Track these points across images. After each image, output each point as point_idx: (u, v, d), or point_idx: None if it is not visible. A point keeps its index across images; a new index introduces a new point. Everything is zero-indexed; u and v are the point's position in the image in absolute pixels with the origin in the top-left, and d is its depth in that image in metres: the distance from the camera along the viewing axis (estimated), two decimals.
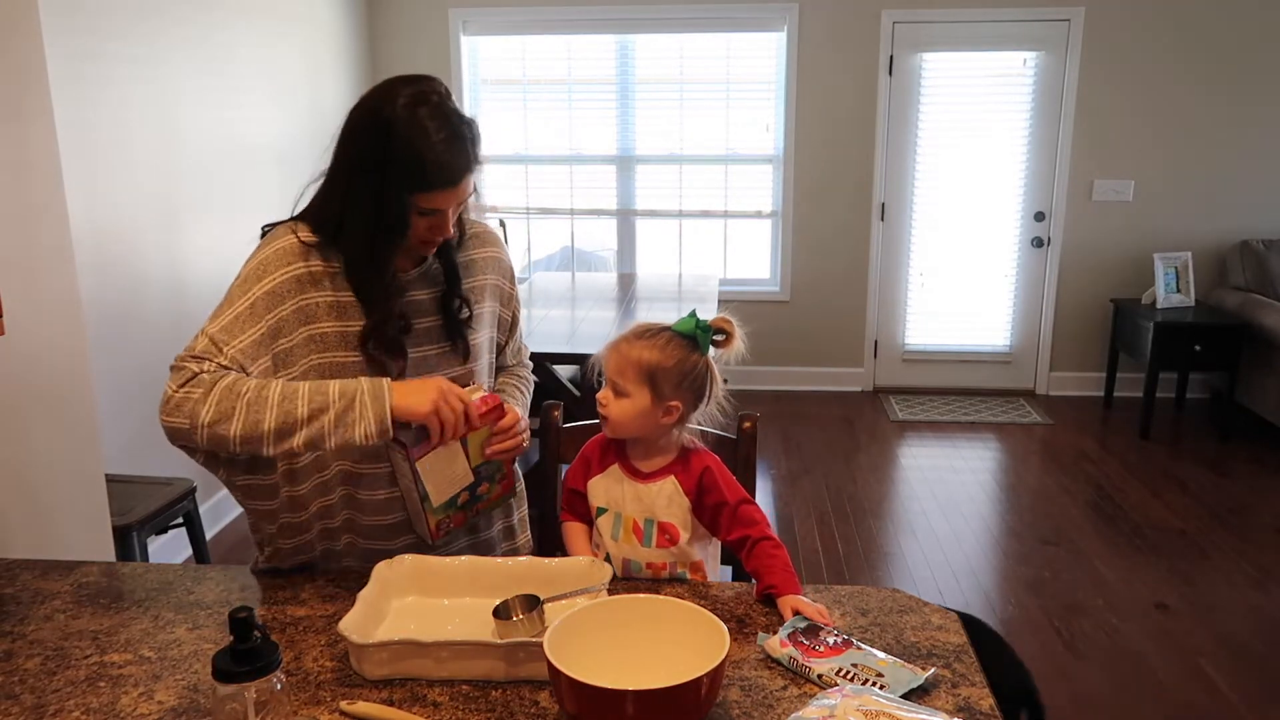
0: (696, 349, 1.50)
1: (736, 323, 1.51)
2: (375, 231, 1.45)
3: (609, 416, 1.51)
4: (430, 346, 1.58)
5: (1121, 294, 5.37)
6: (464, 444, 1.51)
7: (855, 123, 5.36)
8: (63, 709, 1.20)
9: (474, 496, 1.57)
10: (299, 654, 1.31)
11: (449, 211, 1.46)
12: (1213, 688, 2.78)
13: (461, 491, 1.54)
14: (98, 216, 3.09)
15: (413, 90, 1.42)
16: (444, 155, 1.41)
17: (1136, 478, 4.38)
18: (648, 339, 1.49)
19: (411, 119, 1.40)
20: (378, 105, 1.42)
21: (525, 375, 1.83)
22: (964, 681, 1.24)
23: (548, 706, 1.19)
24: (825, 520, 3.93)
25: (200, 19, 3.69)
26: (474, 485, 1.56)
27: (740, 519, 1.49)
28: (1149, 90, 5.16)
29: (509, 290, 1.74)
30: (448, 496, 1.52)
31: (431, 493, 1.50)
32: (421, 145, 1.39)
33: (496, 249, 1.71)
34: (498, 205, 5.75)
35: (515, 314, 1.77)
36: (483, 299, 1.67)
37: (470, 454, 1.53)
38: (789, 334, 5.60)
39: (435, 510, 1.52)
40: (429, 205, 1.43)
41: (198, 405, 1.35)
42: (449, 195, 1.44)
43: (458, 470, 1.52)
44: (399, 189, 1.41)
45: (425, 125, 1.40)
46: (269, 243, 1.49)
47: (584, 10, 5.39)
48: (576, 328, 3.78)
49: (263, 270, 1.46)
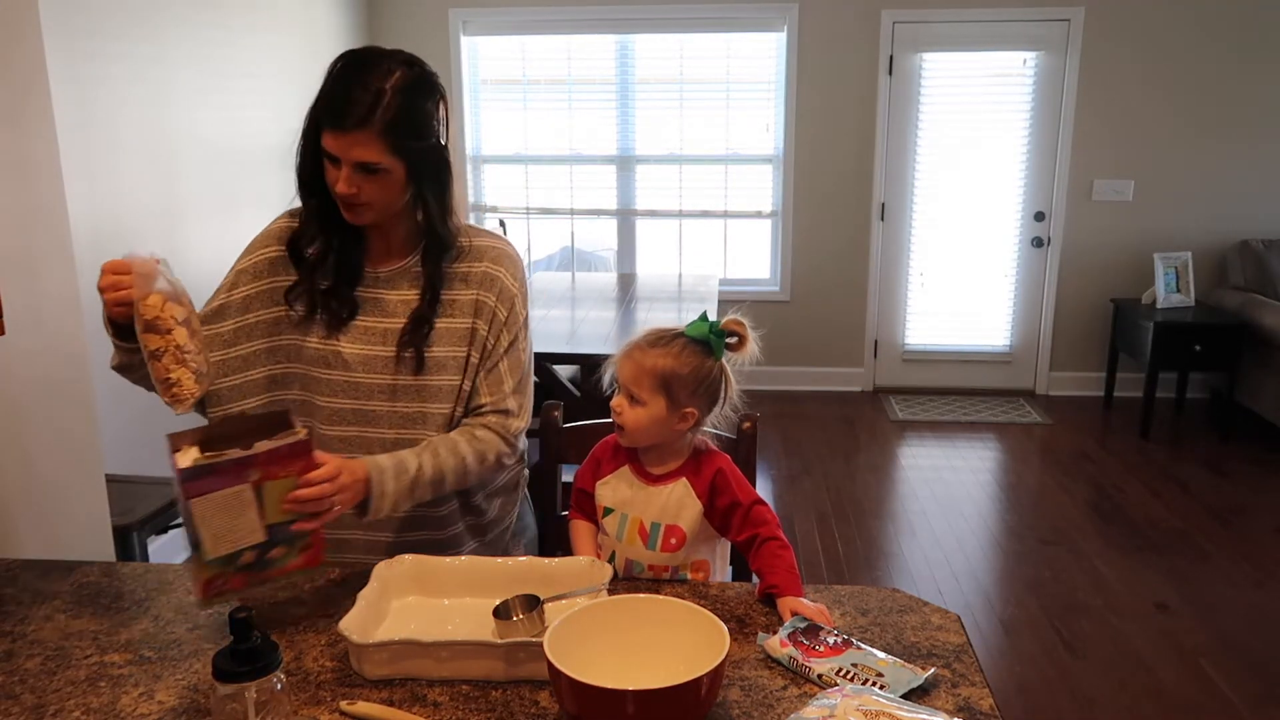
0: (711, 354, 1.49)
1: (749, 324, 1.50)
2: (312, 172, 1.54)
3: (624, 425, 1.50)
4: (382, 347, 1.57)
5: (1121, 294, 5.37)
6: (259, 494, 1.29)
7: (855, 123, 5.36)
8: (63, 709, 1.20)
9: (262, 560, 1.32)
10: (299, 654, 1.31)
11: (344, 166, 1.47)
12: (1213, 688, 2.78)
13: (246, 550, 1.30)
14: (98, 216, 3.09)
15: (377, 49, 1.52)
16: (336, 90, 1.46)
17: (1136, 478, 4.38)
18: (662, 346, 1.48)
19: (342, 58, 1.49)
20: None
21: (478, 436, 1.54)
22: (964, 681, 1.24)
23: (548, 706, 1.19)
24: (825, 520, 3.93)
25: (200, 19, 3.69)
26: (265, 546, 1.32)
27: (752, 519, 1.49)
28: (1149, 90, 5.16)
29: (498, 313, 1.59)
30: (225, 551, 1.29)
31: (206, 541, 1.27)
32: (329, 82, 1.47)
33: (498, 267, 1.61)
34: (498, 205, 5.75)
35: (498, 342, 1.59)
36: (459, 314, 1.59)
37: (266, 507, 1.30)
38: (789, 334, 5.60)
39: (208, 563, 1.28)
40: (325, 145, 1.48)
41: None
42: (337, 140, 1.45)
43: (245, 523, 1.29)
44: (313, 121, 1.51)
45: (342, 63, 1.48)
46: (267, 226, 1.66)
47: (584, 10, 5.39)
48: (576, 328, 3.78)
49: (249, 248, 1.64)
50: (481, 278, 1.60)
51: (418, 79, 1.49)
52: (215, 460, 1.25)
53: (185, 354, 1.34)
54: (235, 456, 1.26)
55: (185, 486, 1.23)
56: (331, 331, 1.58)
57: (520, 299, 1.62)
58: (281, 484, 1.29)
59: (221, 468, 1.25)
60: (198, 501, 1.24)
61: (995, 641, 3.04)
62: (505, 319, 1.60)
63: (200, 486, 1.24)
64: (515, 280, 1.62)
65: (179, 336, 1.33)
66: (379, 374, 1.57)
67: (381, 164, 1.46)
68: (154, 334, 1.33)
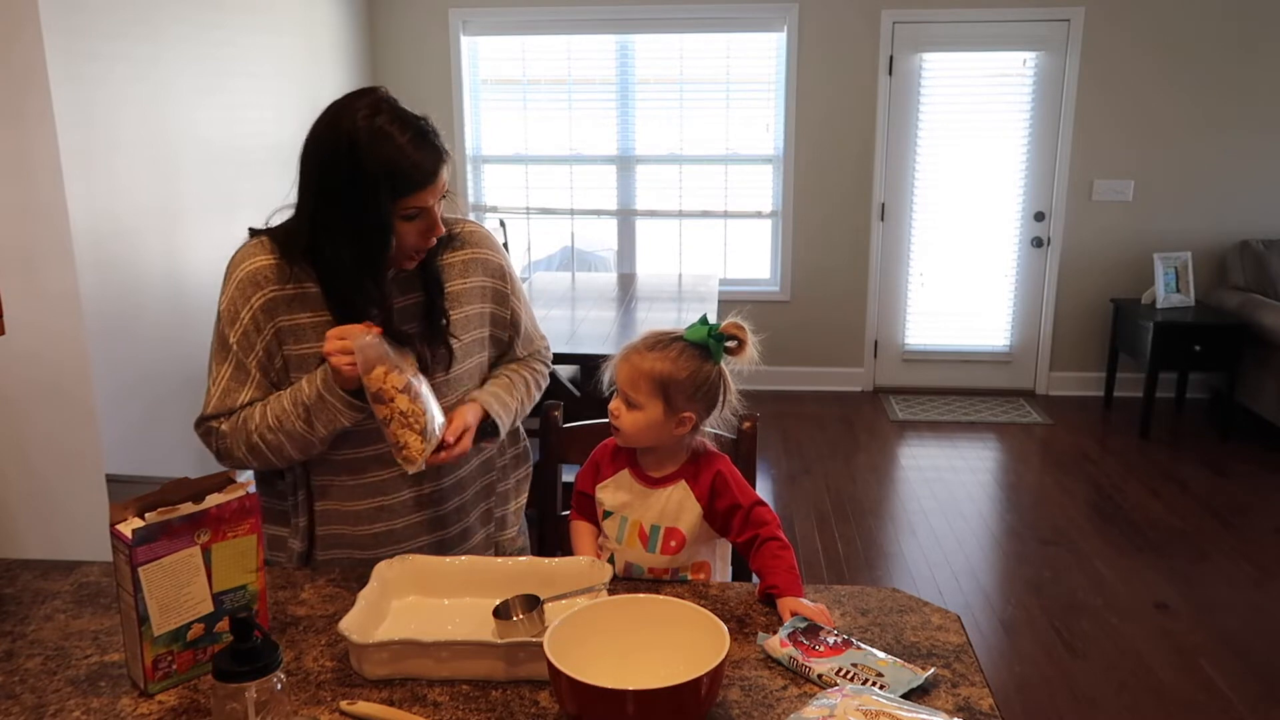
0: (709, 358, 1.48)
1: (749, 328, 1.48)
2: (360, 250, 1.46)
3: (621, 428, 1.49)
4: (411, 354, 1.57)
5: (1121, 294, 5.37)
6: (206, 558, 1.24)
7: (855, 123, 5.36)
8: (63, 709, 1.20)
9: (210, 635, 1.26)
10: (299, 654, 1.31)
11: (433, 208, 1.48)
12: (1213, 688, 2.78)
13: (194, 623, 1.24)
14: (98, 216, 3.09)
15: (366, 101, 1.44)
16: (415, 154, 1.43)
17: (1136, 478, 4.38)
18: (660, 350, 1.47)
19: (373, 128, 1.41)
20: (336, 124, 1.43)
21: (536, 367, 1.80)
22: (964, 681, 1.24)
23: (548, 706, 1.19)
24: (825, 520, 3.93)
25: (200, 19, 3.69)
26: (212, 619, 1.26)
27: (752, 520, 1.49)
28: (1149, 90, 5.16)
29: (503, 288, 1.71)
30: (174, 625, 1.22)
31: (155, 614, 1.20)
32: (391, 150, 1.41)
33: (483, 249, 1.68)
34: (498, 205, 5.75)
35: (515, 311, 1.74)
36: (470, 301, 1.65)
37: (214, 574, 1.25)
38: (789, 334, 5.60)
39: (156, 640, 1.21)
40: (413, 206, 1.45)
41: (240, 461, 1.55)
42: (429, 193, 1.46)
43: (192, 593, 1.23)
44: (377, 199, 1.42)
45: (389, 130, 1.42)
46: (233, 270, 1.55)
47: (584, 10, 5.39)
48: (576, 328, 3.78)
49: (233, 313, 1.53)
50: (475, 263, 1.67)
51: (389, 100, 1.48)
52: (167, 517, 1.21)
53: (409, 418, 1.44)
54: (188, 512, 1.22)
55: (134, 551, 1.17)
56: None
57: (507, 264, 1.73)
58: (229, 546, 1.26)
59: (174, 526, 1.21)
60: (147, 569, 1.18)
61: (995, 641, 3.04)
62: (510, 290, 1.73)
63: (150, 552, 1.18)
64: (499, 253, 1.72)
65: (401, 403, 1.43)
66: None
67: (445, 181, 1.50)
68: (380, 404, 1.44)
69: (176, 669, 1.24)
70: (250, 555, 1.28)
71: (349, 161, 1.41)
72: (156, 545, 1.19)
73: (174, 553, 1.21)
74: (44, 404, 2.04)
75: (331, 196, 1.44)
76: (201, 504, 1.24)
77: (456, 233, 1.66)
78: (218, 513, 1.24)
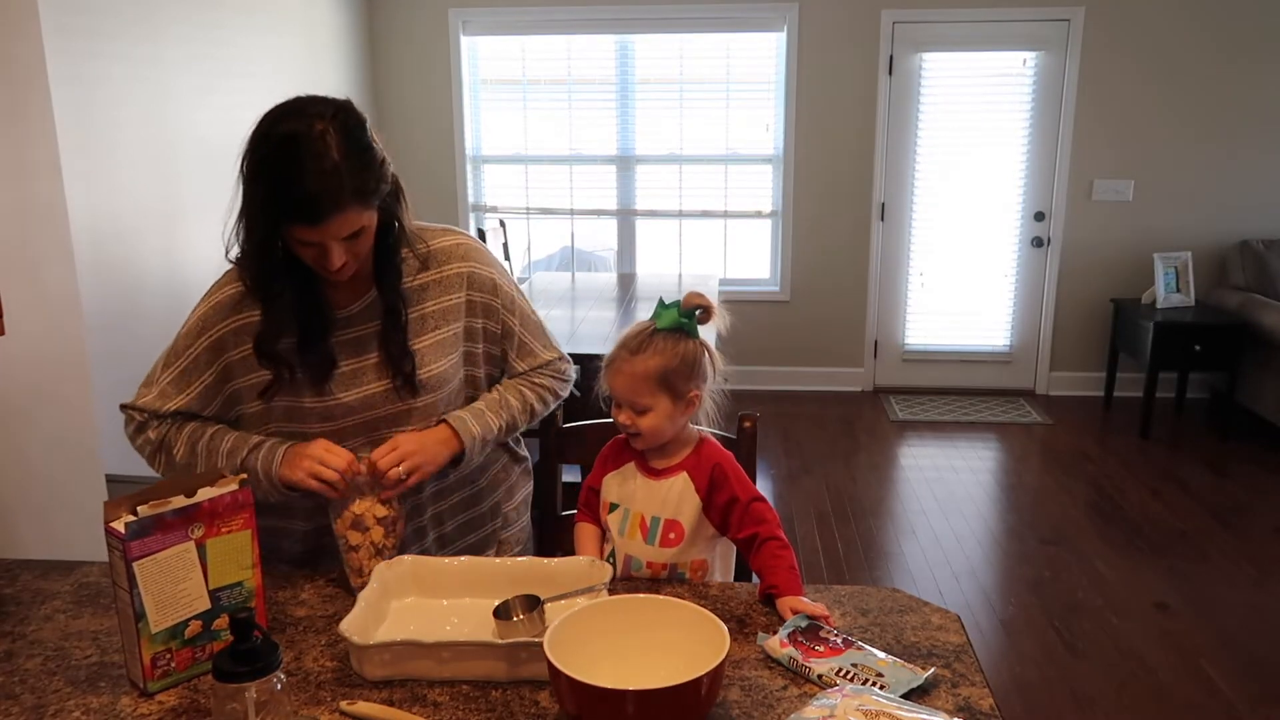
0: (688, 336, 1.52)
1: (706, 293, 1.54)
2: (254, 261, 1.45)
3: (641, 432, 1.50)
4: (375, 383, 1.55)
5: (1121, 294, 5.37)
6: (201, 554, 1.24)
7: (855, 122, 5.36)
8: (63, 709, 1.20)
9: (208, 632, 1.26)
10: (299, 654, 1.31)
11: (329, 245, 1.38)
12: (1213, 688, 2.78)
13: (192, 619, 1.24)
14: (97, 216, 3.09)
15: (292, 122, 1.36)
16: (294, 191, 1.33)
17: (1136, 478, 4.38)
18: (644, 349, 1.49)
19: (266, 144, 1.36)
20: (254, 134, 1.39)
21: (539, 382, 1.71)
22: (964, 681, 1.24)
23: (548, 706, 1.19)
24: (825, 520, 3.93)
25: (200, 19, 3.69)
26: (210, 616, 1.26)
27: (751, 516, 1.50)
28: (1149, 90, 5.16)
29: (492, 302, 1.63)
30: (171, 622, 1.22)
31: (151, 611, 1.20)
32: (269, 172, 1.36)
33: (467, 263, 1.61)
34: (498, 205, 5.75)
35: (508, 324, 1.66)
36: (451, 320, 1.59)
37: (209, 570, 1.25)
38: (789, 334, 5.60)
39: (154, 637, 1.21)
40: (299, 237, 1.39)
41: (152, 460, 1.56)
42: (314, 231, 1.36)
43: (188, 588, 1.23)
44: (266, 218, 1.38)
45: (273, 152, 1.35)
46: (212, 293, 1.55)
47: (584, 10, 5.39)
48: (576, 328, 3.78)
49: (204, 325, 1.53)
50: (461, 279, 1.61)
51: (347, 125, 1.38)
52: (160, 510, 1.20)
53: (379, 549, 1.47)
54: (179, 505, 1.22)
55: (128, 546, 1.17)
56: (320, 385, 1.53)
57: (499, 276, 1.65)
58: (224, 541, 1.25)
59: (167, 520, 1.20)
60: (142, 564, 1.18)
61: (995, 641, 3.04)
62: (501, 304, 1.65)
63: (144, 546, 1.18)
64: (489, 265, 1.65)
65: (375, 534, 1.46)
66: (386, 406, 1.57)
67: (363, 224, 1.41)
68: (356, 531, 1.46)
69: (175, 667, 1.23)
70: (245, 551, 1.28)
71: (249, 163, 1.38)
72: (150, 540, 1.19)
73: (168, 548, 1.21)
74: (44, 404, 2.04)
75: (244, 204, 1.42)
76: (193, 497, 1.24)
77: (441, 248, 1.60)
78: (211, 506, 1.24)
